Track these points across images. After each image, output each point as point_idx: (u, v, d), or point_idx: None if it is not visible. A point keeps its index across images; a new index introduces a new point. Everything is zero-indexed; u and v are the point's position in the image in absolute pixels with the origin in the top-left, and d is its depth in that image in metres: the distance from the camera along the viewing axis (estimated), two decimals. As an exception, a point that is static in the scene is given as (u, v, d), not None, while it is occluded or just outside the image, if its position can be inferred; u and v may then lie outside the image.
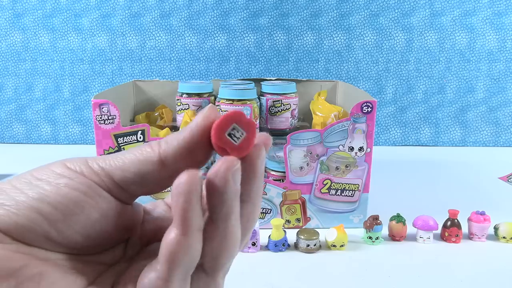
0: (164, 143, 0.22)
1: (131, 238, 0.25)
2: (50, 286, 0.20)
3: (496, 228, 0.68)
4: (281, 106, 0.81)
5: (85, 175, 0.22)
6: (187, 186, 0.19)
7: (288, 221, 0.72)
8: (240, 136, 0.21)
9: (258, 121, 0.79)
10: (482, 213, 0.68)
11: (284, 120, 0.82)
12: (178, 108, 0.82)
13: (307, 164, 0.69)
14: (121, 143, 0.67)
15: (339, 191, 0.70)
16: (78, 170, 0.22)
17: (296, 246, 0.65)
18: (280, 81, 0.87)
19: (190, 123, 0.22)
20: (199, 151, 0.22)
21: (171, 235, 0.20)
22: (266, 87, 0.82)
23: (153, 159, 0.22)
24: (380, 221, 0.66)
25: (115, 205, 0.22)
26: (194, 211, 0.20)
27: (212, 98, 0.82)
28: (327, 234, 0.66)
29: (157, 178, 0.22)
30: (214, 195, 0.20)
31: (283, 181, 0.71)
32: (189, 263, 0.20)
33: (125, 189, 0.22)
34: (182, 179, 0.19)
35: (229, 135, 0.21)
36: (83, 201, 0.21)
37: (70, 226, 0.21)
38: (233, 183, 0.20)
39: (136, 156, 0.22)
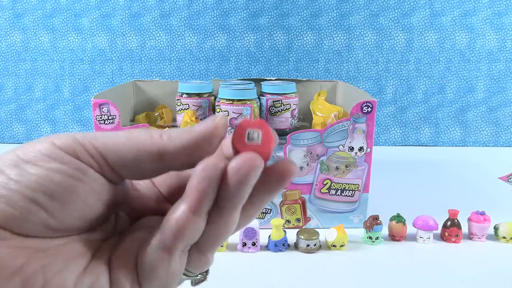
0: (167, 139, 0.22)
1: (120, 213, 0.25)
2: (55, 277, 0.20)
3: (496, 228, 0.68)
4: (281, 106, 0.81)
5: (79, 157, 0.21)
6: (212, 171, 0.20)
7: (288, 221, 0.72)
8: (257, 136, 0.22)
9: (258, 121, 0.78)
10: (482, 213, 0.68)
11: (284, 120, 0.82)
12: (178, 108, 0.82)
13: (307, 164, 0.69)
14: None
15: (339, 191, 0.70)
16: (70, 151, 0.21)
17: (296, 246, 0.65)
18: (280, 81, 0.87)
19: (197, 126, 0.22)
20: (199, 155, 0.22)
21: (180, 211, 0.21)
22: (266, 87, 0.82)
23: (152, 150, 0.22)
24: (380, 221, 0.66)
25: (107, 186, 0.22)
26: (209, 195, 0.21)
27: (212, 98, 0.82)
28: (327, 234, 0.66)
29: (151, 168, 0.22)
30: (228, 187, 0.21)
31: (283, 181, 0.70)
32: (192, 239, 0.22)
33: (117, 172, 0.22)
34: (210, 164, 0.21)
35: (248, 140, 0.22)
36: (79, 188, 0.21)
37: (68, 213, 0.21)
38: (250, 182, 0.21)
39: (134, 142, 0.22)
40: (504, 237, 0.67)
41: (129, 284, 0.22)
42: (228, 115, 0.75)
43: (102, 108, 0.66)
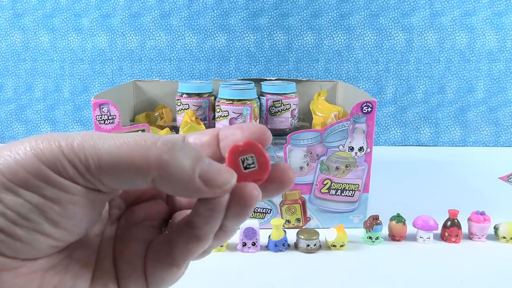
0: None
1: (113, 200, 0.25)
2: None
3: (496, 228, 0.68)
4: (281, 106, 0.81)
5: (61, 173, 0.19)
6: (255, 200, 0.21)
7: (288, 221, 0.72)
8: (252, 161, 0.22)
9: (258, 121, 0.79)
10: (482, 213, 0.68)
11: (284, 120, 0.82)
12: (178, 108, 0.82)
13: (307, 164, 0.69)
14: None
15: (339, 191, 0.70)
16: (54, 169, 0.19)
17: (296, 246, 0.65)
18: (280, 81, 0.87)
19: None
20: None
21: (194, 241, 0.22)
22: (266, 87, 0.82)
23: (147, 178, 0.20)
24: (380, 221, 0.66)
25: (99, 196, 0.21)
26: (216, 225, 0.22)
27: (212, 98, 0.82)
28: (327, 234, 0.66)
29: (141, 189, 0.23)
30: (227, 219, 0.22)
31: (283, 181, 0.70)
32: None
33: (106, 188, 0.21)
34: (256, 193, 0.21)
35: (244, 169, 0.22)
36: (71, 209, 0.20)
37: (67, 231, 0.21)
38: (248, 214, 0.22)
39: (129, 167, 0.19)
40: (504, 237, 0.67)
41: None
42: (228, 116, 0.75)
43: (102, 108, 0.66)
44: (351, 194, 0.70)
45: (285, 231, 0.66)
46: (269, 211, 0.71)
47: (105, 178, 0.20)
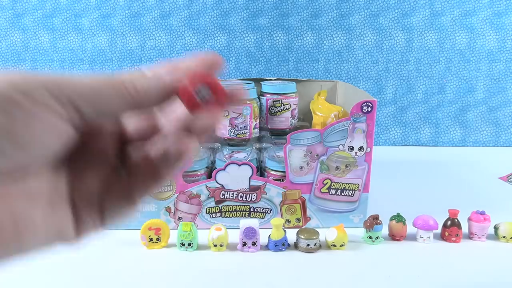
0: (136, 94, 0.22)
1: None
2: (24, 217, 0.21)
3: (496, 228, 0.68)
4: (281, 106, 0.81)
5: (39, 101, 0.20)
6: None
7: (288, 221, 0.72)
8: (208, 93, 0.23)
9: (258, 121, 0.79)
10: (482, 213, 0.68)
11: (284, 120, 0.82)
12: (178, 108, 0.82)
13: (307, 164, 0.69)
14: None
15: (339, 190, 0.70)
16: (34, 94, 0.20)
17: (296, 246, 0.65)
18: (280, 81, 0.87)
19: (159, 77, 0.23)
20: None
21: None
22: (266, 87, 0.82)
23: (129, 103, 0.22)
24: (380, 221, 0.66)
25: (70, 128, 0.22)
26: None
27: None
28: (327, 234, 0.66)
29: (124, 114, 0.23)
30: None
31: (283, 180, 0.71)
32: None
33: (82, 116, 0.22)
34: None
35: (197, 92, 0.23)
36: (39, 131, 0.21)
37: (27, 155, 0.21)
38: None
39: (111, 95, 0.22)
40: (504, 237, 0.67)
41: (94, 223, 0.24)
42: (228, 115, 0.75)
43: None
44: (351, 193, 0.70)
45: (285, 230, 0.66)
46: (269, 210, 0.71)
47: (84, 106, 0.21)
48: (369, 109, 0.66)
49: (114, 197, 0.24)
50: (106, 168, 0.25)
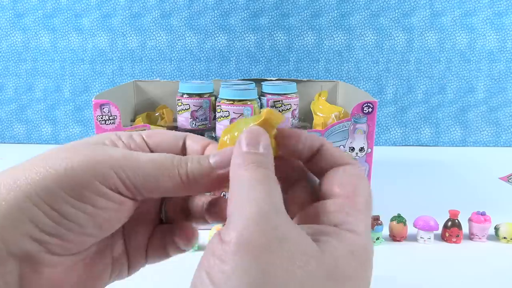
0: (194, 181, 0.25)
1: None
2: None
3: (496, 229, 0.68)
4: (281, 106, 0.81)
5: (118, 190, 0.24)
6: None
7: (288, 222, 0.72)
8: None
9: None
10: (483, 214, 0.68)
11: (285, 121, 0.82)
12: (178, 108, 0.82)
13: (308, 165, 0.69)
14: (122, 143, 0.66)
15: (340, 191, 0.70)
16: (111, 186, 0.24)
17: (296, 247, 0.65)
18: (281, 81, 0.87)
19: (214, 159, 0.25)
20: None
21: None
22: (266, 87, 0.82)
23: (180, 188, 0.25)
24: (381, 222, 0.66)
25: (131, 203, 0.26)
26: None
27: (213, 98, 0.82)
28: (327, 235, 0.65)
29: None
30: None
31: (283, 181, 0.70)
32: None
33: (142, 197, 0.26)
34: None
35: None
36: (118, 217, 0.26)
37: (104, 234, 0.26)
38: None
39: (164, 177, 0.24)
40: (504, 238, 0.67)
41: (141, 264, 0.30)
42: (229, 116, 0.75)
43: (103, 108, 0.66)
44: (352, 194, 0.70)
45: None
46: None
47: (142, 188, 0.25)
48: (370, 110, 0.66)
49: (155, 251, 0.30)
50: (151, 225, 0.30)
